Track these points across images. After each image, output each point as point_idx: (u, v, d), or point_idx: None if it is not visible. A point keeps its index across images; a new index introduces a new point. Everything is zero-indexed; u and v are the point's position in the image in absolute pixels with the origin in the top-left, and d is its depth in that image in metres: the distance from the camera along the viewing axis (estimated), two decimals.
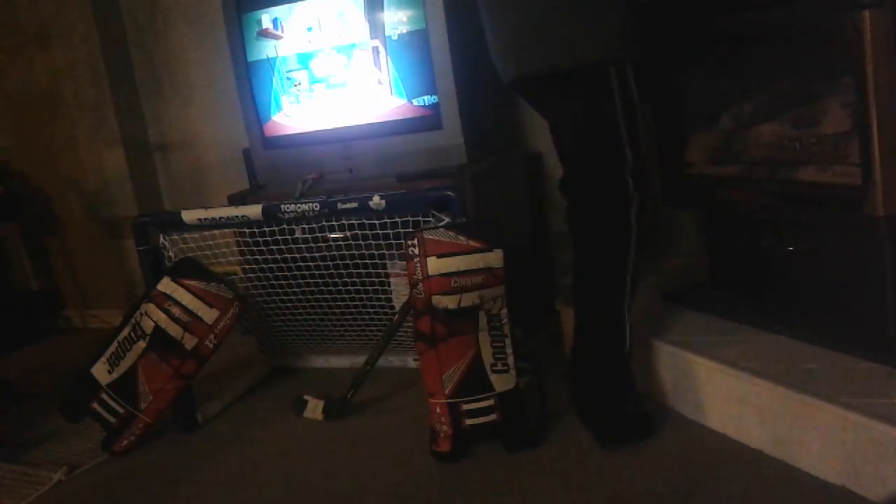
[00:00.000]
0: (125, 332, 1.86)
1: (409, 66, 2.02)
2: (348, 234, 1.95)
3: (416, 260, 1.53)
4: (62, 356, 2.77)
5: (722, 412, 1.49)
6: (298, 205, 1.82)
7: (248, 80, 2.24)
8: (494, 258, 1.53)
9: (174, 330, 1.80)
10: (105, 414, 1.84)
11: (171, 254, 1.99)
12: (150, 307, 1.82)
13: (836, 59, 1.36)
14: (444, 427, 1.57)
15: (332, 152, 2.18)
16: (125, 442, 1.85)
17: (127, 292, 2.92)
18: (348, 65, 2.10)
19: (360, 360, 1.94)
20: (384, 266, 1.99)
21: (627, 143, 1.45)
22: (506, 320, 1.56)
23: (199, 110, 2.85)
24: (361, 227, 1.91)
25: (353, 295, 2.03)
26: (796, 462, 1.34)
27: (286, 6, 2.14)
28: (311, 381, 2.15)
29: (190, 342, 1.80)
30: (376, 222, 1.86)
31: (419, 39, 1.98)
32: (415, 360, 2.01)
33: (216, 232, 2.02)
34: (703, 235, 1.85)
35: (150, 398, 1.83)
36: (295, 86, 2.19)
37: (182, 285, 1.83)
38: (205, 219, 1.90)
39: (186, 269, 1.88)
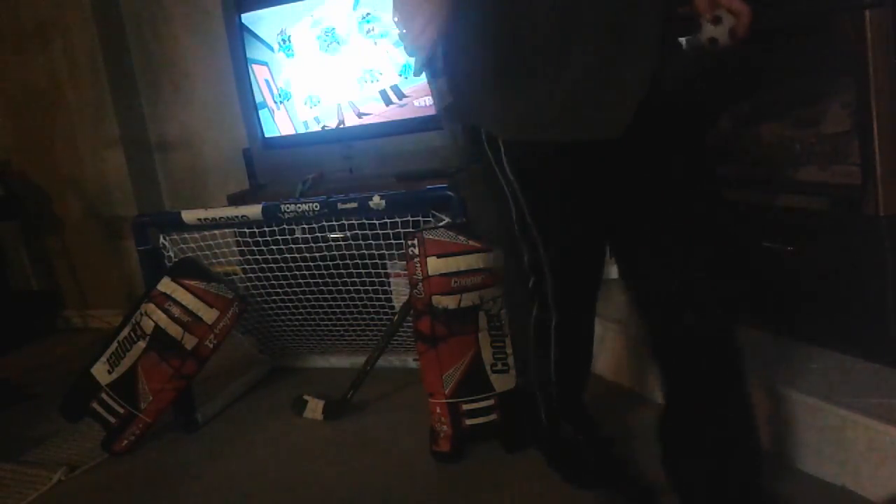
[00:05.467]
0: (125, 332, 1.86)
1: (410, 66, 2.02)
2: (348, 234, 1.95)
3: (416, 260, 1.53)
4: (62, 356, 2.77)
5: None
6: (298, 205, 1.82)
7: (248, 80, 2.24)
8: (494, 258, 1.53)
9: (174, 330, 1.80)
10: (105, 414, 1.84)
11: (171, 254, 1.99)
12: (150, 307, 1.82)
13: (836, 59, 1.36)
14: (444, 427, 1.57)
15: (332, 152, 2.18)
16: (125, 442, 1.85)
17: (127, 292, 2.92)
18: (348, 64, 2.11)
19: (360, 360, 1.94)
20: (384, 266, 1.99)
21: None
22: (505, 320, 1.56)
23: (199, 110, 2.85)
24: (361, 227, 1.91)
25: (353, 295, 2.03)
26: (796, 462, 1.34)
27: (284, 7, 2.14)
28: (311, 381, 2.15)
29: (190, 342, 1.80)
30: (376, 222, 1.86)
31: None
32: (415, 360, 2.01)
33: (216, 232, 2.02)
34: None
35: (150, 398, 1.83)
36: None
37: (182, 285, 1.82)
38: (205, 219, 1.90)
39: (186, 269, 1.88)
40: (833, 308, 1.49)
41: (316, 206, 1.80)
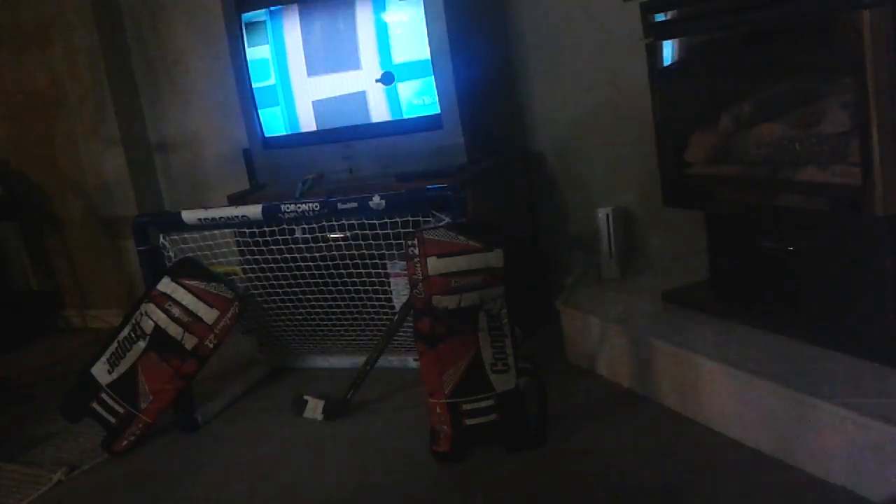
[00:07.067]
0: (125, 332, 1.86)
1: (410, 65, 2.02)
2: (348, 234, 1.95)
3: (415, 260, 1.53)
4: (62, 356, 2.77)
5: (722, 412, 1.49)
6: (298, 205, 1.82)
7: (248, 80, 2.24)
8: (494, 258, 1.53)
9: (174, 330, 1.80)
10: (105, 414, 1.84)
11: (171, 254, 1.99)
12: (150, 307, 1.82)
13: (836, 59, 1.36)
14: (444, 427, 1.57)
15: (332, 152, 2.18)
16: (125, 442, 1.85)
17: (127, 292, 2.92)
18: (348, 65, 2.11)
19: (360, 360, 1.94)
20: (384, 266, 1.99)
21: None
22: (506, 320, 1.56)
23: (199, 110, 2.85)
24: (361, 227, 1.91)
25: (353, 295, 2.03)
26: (796, 462, 1.34)
27: (285, 7, 2.14)
28: (311, 381, 2.15)
29: (190, 342, 1.80)
30: (376, 222, 1.86)
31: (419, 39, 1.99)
32: (415, 360, 2.01)
33: (216, 232, 2.02)
34: (703, 235, 1.85)
35: (151, 398, 1.83)
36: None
37: (182, 285, 1.83)
38: (205, 219, 1.90)
39: (186, 269, 1.88)
40: (833, 308, 1.49)
41: (316, 206, 1.80)
